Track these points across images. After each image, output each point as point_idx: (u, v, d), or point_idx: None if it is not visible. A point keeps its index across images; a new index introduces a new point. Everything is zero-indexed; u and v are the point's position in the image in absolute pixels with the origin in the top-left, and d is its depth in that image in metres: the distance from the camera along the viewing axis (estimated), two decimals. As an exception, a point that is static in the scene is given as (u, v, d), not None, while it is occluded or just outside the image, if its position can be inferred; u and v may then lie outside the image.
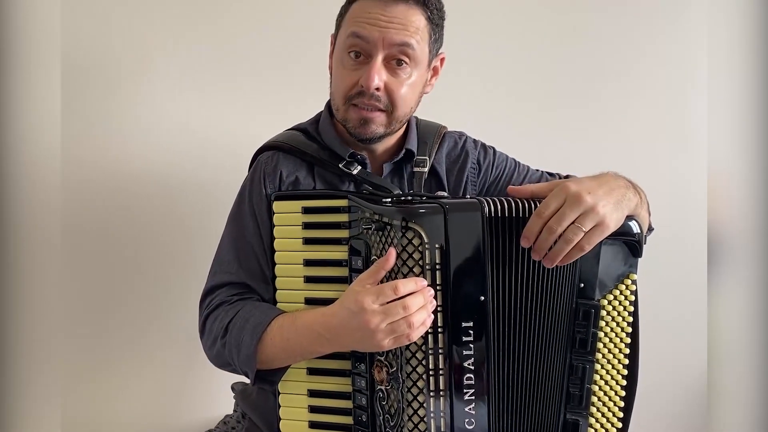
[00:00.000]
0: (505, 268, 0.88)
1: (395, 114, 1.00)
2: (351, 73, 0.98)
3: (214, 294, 1.03)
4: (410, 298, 0.81)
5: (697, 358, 1.69)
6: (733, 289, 0.85)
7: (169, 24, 1.37)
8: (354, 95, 0.98)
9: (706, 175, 1.37)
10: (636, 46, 1.64)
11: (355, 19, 0.97)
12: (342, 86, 0.99)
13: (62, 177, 1.30)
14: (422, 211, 0.85)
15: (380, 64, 0.96)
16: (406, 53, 0.97)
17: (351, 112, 1.00)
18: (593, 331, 0.91)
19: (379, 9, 0.95)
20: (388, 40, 0.95)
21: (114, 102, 1.36)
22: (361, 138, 1.02)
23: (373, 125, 0.99)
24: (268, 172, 1.04)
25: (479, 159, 1.14)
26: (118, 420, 1.41)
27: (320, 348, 0.90)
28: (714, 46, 0.94)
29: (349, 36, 0.97)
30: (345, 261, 0.93)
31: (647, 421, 1.70)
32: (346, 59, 0.98)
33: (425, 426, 0.85)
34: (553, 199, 0.85)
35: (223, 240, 1.07)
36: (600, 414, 0.93)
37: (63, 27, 1.28)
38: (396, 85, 0.98)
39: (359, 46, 0.96)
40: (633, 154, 1.65)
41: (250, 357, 0.92)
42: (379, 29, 0.94)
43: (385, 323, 0.81)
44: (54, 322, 0.87)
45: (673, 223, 1.64)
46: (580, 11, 1.61)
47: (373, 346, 0.84)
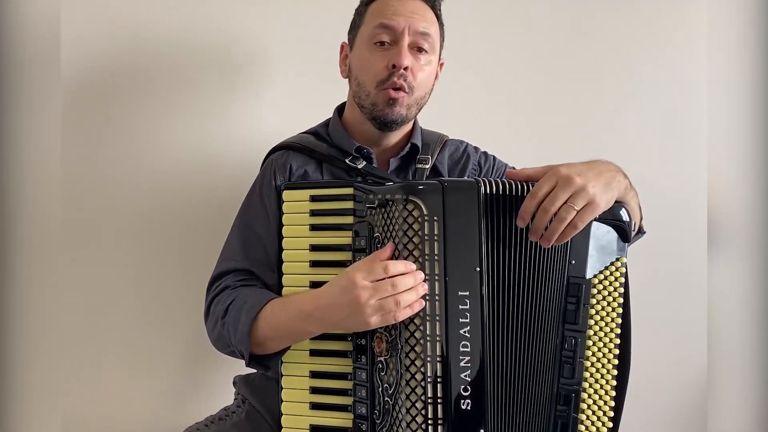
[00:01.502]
0: (500, 242, 0.92)
1: (415, 95, 1.09)
2: (381, 58, 1.08)
3: (220, 280, 1.08)
4: (399, 278, 0.86)
5: (697, 355, 1.67)
6: (732, 285, 0.87)
7: (172, 25, 1.40)
8: (385, 78, 1.07)
9: (706, 173, 1.38)
10: (636, 46, 1.66)
11: (379, 13, 1.09)
12: (373, 72, 1.08)
13: (62, 177, 1.32)
14: (422, 187, 0.91)
15: (407, 48, 1.07)
16: (427, 41, 1.09)
17: (381, 95, 1.08)
18: (584, 307, 0.95)
19: (400, 3, 1.08)
20: (413, 28, 1.07)
21: (114, 102, 1.38)
22: (386, 120, 1.09)
23: (398, 106, 1.08)
24: (278, 166, 1.12)
25: (480, 162, 1.22)
26: (118, 420, 1.40)
27: (309, 327, 0.93)
28: (714, 46, 0.96)
29: (375, 27, 1.08)
30: (349, 246, 0.97)
31: (647, 416, 1.68)
32: (373, 48, 1.09)
33: (422, 390, 0.87)
34: (545, 182, 0.90)
35: (233, 230, 1.13)
36: (593, 390, 0.95)
37: (64, 27, 1.31)
38: (418, 68, 1.09)
39: (386, 35, 1.07)
40: (633, 154, 1.63)
41: (245, 335, 0.95)
42: (404, 18, 1.07)
43: (374, 299, 0.85)
44: (54, 321, 0.86)
45: (672, 220, 1.65)
46: (579, 11, 1.63)
47: (360, 322, 0.87)
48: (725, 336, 0.88)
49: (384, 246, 0.91)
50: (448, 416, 0.88)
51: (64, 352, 1.36)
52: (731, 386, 0.86)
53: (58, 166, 1.07)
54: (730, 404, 0.85)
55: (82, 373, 1.38)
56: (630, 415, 1.01)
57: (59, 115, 1.06)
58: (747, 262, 0.86)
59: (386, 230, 0.92)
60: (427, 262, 0.89)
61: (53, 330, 0.88)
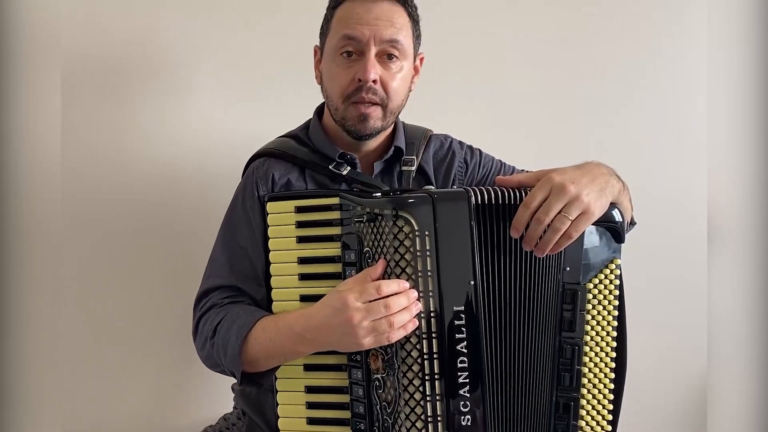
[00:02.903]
0: (494, 253, 0.91)
1: (390, 106, 1.05)
2: (346, 71, 1.02)
3: (207, 297, 1.05)
4: (393, 298, 0.84)
5: (696, 355, 1.69)
6: (732, 284, 0.87)
7: (170, 25, 1.39)
8: (352, 92, 1.02)
9: (705, 173, 1.40)
10: (636, 46, 1.65)
11: (343, 22, 1.02)
12: (339, 85, 1.03)
13: (62, 177, 1.31)
14: (411, 201, 0.88)
15: (374, 59, 1.01)
16: (396, 47, 1.02)
17: (350, 109, 1.03)
18: (580, 313, 0.94)
19: (365, 9, 1.00)
20: (379, 37, 1.00)
21: (114, 102, 1.37)
22: (359, 135, 1.05)
23: (371, 120, 1.03)
24: (260, 175, 1.07)
25: (466, 158, 1.18)
26: (117, 420, 1.40)
27: (301, 348, 0.91)
28: (714, 45, 0.96)
29: (340, 38, 1.01)
30: (338, 257, 0.95)
31: (647, 419, 1.70)
32: (339, 60, 1.03)
33: (421, 410, 0.86)
34: (539, 191, 0.88)
35: (216, 245, 1.09)
36: (591, 396, 0.95)
37: (64, 26, 1.29)
38: (389, 77, 1.03)
39: (351, 46, 1.01)
40: (633, 154, 1.65)
41: (236, 357, 0.93)
42: (368, 27, 1.00)
43: (367, 321, 0.83)
44: (54, 321, 0.88)
45: (672, 220, 1.65)
46: (578, 10, 1.62)
47: (353, 344, 0.86)
48: (725, 338, 0.88)
49: (375, 262, 0.89)
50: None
51: (63, 354, 1.36)
52: (731, 389, 0.86)
53: (58, 165, 1.06)
54: (730, 408, 0.86)
55: (81, 376, 1.38)
56: (630, 418, 1.01)
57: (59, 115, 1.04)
58: (747, 264, 0.86)
59: (376, 245, 0.90)
60: (420, 278, 0.87)
61: (52, 332, 0.89)
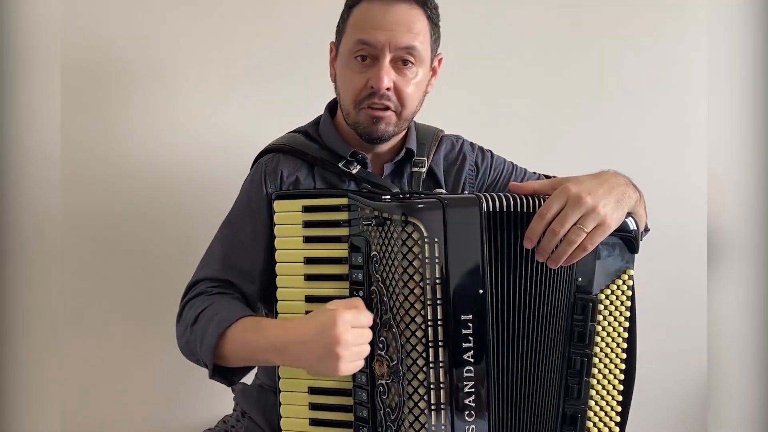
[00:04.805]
0: (504, 262, 0.89)
1: (404, 113, 1.02)
2: (360, 76, 1.00)
3: (196, 286, 1.03)
4: (368, 330, 0.86)
5: (697, 357, 1.69)
6: (733, 288, 0.86)
7: (172, 24, 1.38)
8: (364, 97, 1.00)
9: (706, 175, 1.39)
10: (636, 46, 1.64)
11: (359, 25, 0.99)
12: (351, 89, 1.01)
13: (62, 178, 1.31)
14: (421, 206, 0.86)
15: (388, 65, 0.98)
16: (412, 54, 0.99)
17: (362, 114, 1.01)
18: (591, 325, 0.92)
19: (382, 13, 0.97)
20: (394, 44, 0.97)
21: (114, 102, 1.36)
22: (371, 138, 1.03)
23: (383, 124, 1.01)
24: (269, 172, 1.05)
25: (477, 161, 1.16)
26: (117, 420, 1.41)
27: (272, 359, 0.90)
28: (714, 45, 0.94)
29: (355, 42, 0.99)
30: (345, 259, 0.94)
31: (646, 420, 1.70)
32: (353, 63, 1.00)
33: (426, 418, 0.85)
34: (554, 201, 0.86)
35: (217, 236, 1.08)
36: (599, 408, 0.94)
37: (64, 25, 1.29)
38: (403, 84, 1.00)
39: (365, 51, 0.98)
40: (633, 154, 1.65)
41: (210, 349, 0.91)
42: (384, 33, 0.96)
43: (356, 346, 0.83)
44: (54, 321, 0.87)
45: (673, 222, 1.64)
46: (578, 10, 1.61)
47: (330, 368, 0.83)
48: (725, 345, 0.87)
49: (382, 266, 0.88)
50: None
51: (63, 352, 1.36)
52: (731, 396, 0.85)
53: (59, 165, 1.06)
54: (730, 410, 0.85)
55: (81, 373, 1.39)
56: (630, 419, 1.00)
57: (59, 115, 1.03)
58: (747, 267, 0.84)
59: (384, 250, 0.88)
60: (428, 286, 0.85)
61: (52, 333, 0.88)
